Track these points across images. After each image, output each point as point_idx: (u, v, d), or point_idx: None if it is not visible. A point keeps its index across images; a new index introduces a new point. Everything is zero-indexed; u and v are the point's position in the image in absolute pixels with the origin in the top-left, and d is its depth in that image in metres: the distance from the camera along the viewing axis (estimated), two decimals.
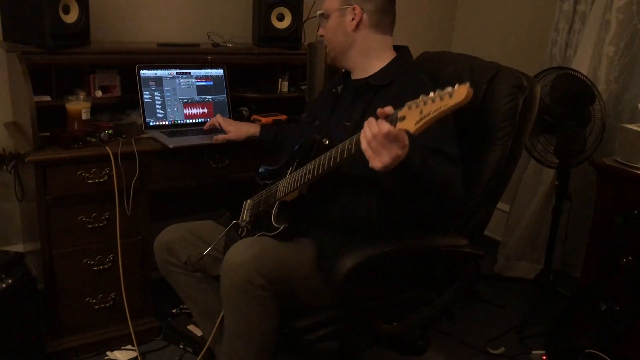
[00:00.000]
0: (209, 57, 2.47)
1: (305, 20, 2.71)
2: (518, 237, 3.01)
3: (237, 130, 2.18)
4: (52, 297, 2.12)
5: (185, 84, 2.42)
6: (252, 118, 2.62)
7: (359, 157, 1.34)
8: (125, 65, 2.32)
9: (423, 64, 1.93)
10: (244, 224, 1.76)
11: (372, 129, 1.27)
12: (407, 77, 1.66)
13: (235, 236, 1.74)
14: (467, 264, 1.64)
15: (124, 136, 2.19)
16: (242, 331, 1.55)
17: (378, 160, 1.27)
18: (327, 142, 1.59)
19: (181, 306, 2.48)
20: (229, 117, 2.50)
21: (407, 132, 1.23)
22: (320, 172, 1.51)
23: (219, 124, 2.21)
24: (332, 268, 1.47)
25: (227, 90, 2.51)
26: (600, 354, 2.16)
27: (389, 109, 1.28)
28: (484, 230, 1.76)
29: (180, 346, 2.29)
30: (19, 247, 2.45)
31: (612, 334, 2.22)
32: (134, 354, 2.24)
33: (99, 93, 2.32)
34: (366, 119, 1.53)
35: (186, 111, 2.42)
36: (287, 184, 1.65)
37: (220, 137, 2.17)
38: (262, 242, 1.60)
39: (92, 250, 2.15)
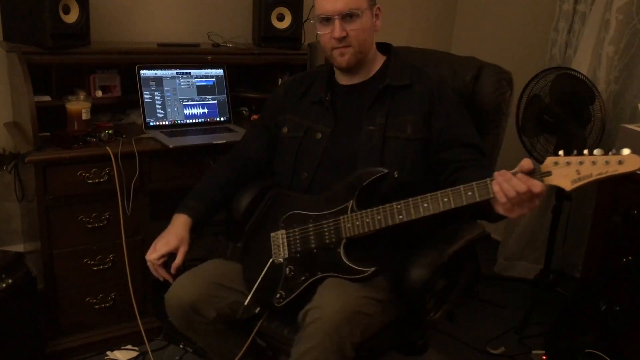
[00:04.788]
0: (209, 57, 2.47)
1: (305, 20, 2.71)
2: (518, 237, 3.01)
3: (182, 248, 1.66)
4: (52, 297, 2.12)
5: (185, 84, 2.42)
6: (252, 118, 2.62)
7: (477, 203, 1.36)
8: (126, 65, 2.32)
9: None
10: (283, 260, 1.57)
11: (517, 187, 1.27)
12: (422, 77, 1.66)
13: (275, 275, 1.57)
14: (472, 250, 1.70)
15: (124, 136, 2.19)
16: None
17: (517, 212, 1.31)
18: (397, 175, 1.56)
19: None
20: (229, 117, 2.50)
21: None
22: (424, 213, 1.42)
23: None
24: (407, 282, 1.48)
25: (227, 90, 2.51)
26: (600, 354, 2.16)
27: (527, 165, 1.29)
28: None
29: (180, 346, 2.29)
30: (19, 247, 2.45)
31: (612, 334, 2.22)
32: (134, 354, 2.24)
33: (99, 93, 2.32)
34: (391, 121, 1.58)
35: (186, 111, 2.42)
36: (361, 222, 1.49)
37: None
38: (349, 290, 1.46)
39: (92, 250, 2.15)
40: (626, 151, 1.21)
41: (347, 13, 1.57)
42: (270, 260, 1.58)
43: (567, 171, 1.25)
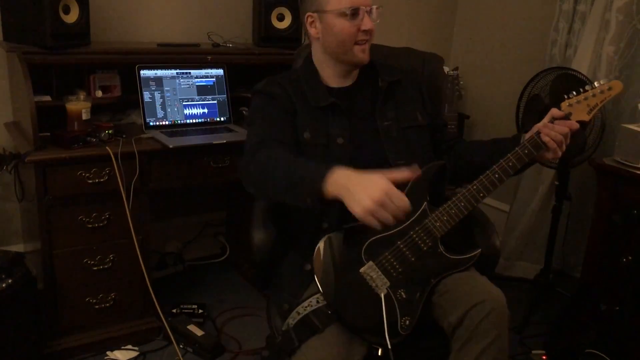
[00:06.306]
0: (209, 57, 2.47)
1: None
2: (518, 237, 3.01)
3: None
4: (52, 297, 2.12)
5: (185, 84, 2.42)
6: None
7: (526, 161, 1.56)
8: (126, 65, 2.32)
9: None
10: (388, 289, 1.48)
11: (561, 130, 1.54)
12: (402, 71, 1.78)
13: (387, 308, 1.48)
14: None
15: (124, 136, 2.19)
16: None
17: (560, 152, 1.56)
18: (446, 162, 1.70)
19: (181, 306, 2.49)
20: (229, 117, 2.50)
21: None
22: (499, 184, 1.55)
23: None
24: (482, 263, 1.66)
25: (227, 90, 2.51)
26: (600, 354, 2.16)
27: (558, 112, 1.57)
28: None
29: (180, 346, 2.29)
30: (19, 247, 2.45)
31: (612, 334, 2.22)
32: (134, 354, 2.24)
33: (99, 93, 2.32)
34: (401, 113, 1.70)
35: (186, 111, 2.42)
36: (449, 216, 1.51)
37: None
38: (477, 278, 1.60)
39: (92, 250, 2.15)
40: (604, 80, 1.59)
41: (372, 7, 1.62)
42: (381, 295, 1.47)
43: (581, 107, 1.58)
